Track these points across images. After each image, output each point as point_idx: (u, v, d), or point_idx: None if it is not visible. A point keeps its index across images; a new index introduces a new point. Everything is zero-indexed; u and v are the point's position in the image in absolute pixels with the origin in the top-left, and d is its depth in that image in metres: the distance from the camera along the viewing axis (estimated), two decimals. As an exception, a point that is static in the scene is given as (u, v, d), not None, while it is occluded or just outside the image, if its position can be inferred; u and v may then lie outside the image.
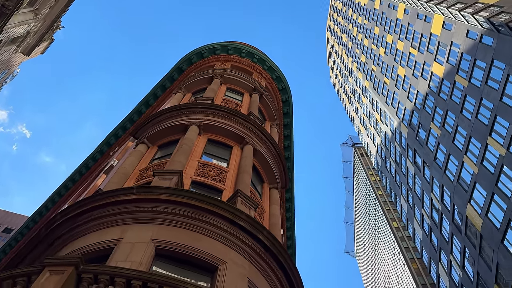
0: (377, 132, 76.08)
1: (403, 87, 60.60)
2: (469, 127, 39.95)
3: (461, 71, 42.79)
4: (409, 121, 56.61)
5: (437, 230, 47.35)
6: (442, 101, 46.58)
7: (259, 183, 20.69)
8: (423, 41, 53.77)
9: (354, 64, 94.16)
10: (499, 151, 34.37)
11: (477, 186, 37.44)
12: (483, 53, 38.34)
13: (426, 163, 49.61)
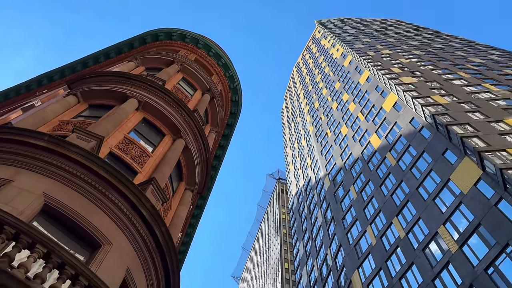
0: (303, 176, 78.60)
1: (340, 145, 63.61)
2: (382, 201, 42.72)
3: (393, 151, 45.98)
4: (334, 176, 59.25)
5: (320, 285, 49.27)
6: (368, 170, 49.50)
7: (177, 180, 20.19)
8: (372, 112, 57.25)
9: (307, 107, 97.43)
10: (399, 233, 37.04)
11: (370, 257, 39.82)
12: (418, 142, 41.65)
13: (334, 219, 51.92)
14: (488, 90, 45.10)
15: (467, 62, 60.43)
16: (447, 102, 42.32)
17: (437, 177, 36.00)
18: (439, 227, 32.28)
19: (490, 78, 50.41)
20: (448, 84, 49.16)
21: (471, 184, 31.12)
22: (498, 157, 29.41)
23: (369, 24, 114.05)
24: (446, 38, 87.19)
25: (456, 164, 34.07)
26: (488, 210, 28.14)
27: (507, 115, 37.21)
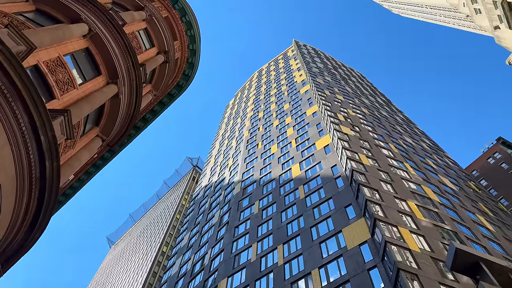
0: (219, 173, 78.82)
1: (264, 160, 64.91)
2: (276, 226, 44.20)
3: (307, 186, 48.01)
4: (246, 186, 60.18)
5: (188, 279, 49.40)
6: (278, 193, 51.04)
7: (92, 123, 19.07)
8: (305, 144, 59.38)
9: (251, 113, 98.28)
10: (279, 260, 38.51)
11: (243, 271, 40.81)
12: (330, 187, 43.90)
13: (228, 224, 52.58)
14: (406, 170, 48.98)
15: (400, 139, 65.21)
16: (368, 165, 45.19)
17: (332, 225, 38.12)
18: (313, 269, 34.08)
19: (412, 161, 54.83)
20: (376, 149, 52.58)
21: (357, 243, 33.38)
22: (388, 230, 31.93)
23: (336, 66, 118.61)
24: (393, 110, 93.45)
25: (352, 221, 36.40)
26: (360, 272, 30.35)
27: (411, 198, 40.65)
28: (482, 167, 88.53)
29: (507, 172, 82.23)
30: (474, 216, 44.58)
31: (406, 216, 36.07)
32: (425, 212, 38.14)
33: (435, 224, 36.20)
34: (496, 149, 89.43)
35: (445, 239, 33.75)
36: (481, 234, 39.31)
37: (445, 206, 42.62)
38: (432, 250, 30.95)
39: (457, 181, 57.84)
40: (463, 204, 46.67)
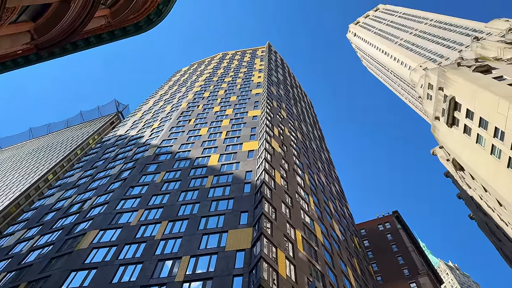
0: (140, 130, 76.15)
1: (190, 138, 63.99)
2: (170, 202, 43.66)
3: (218, 178, 48.23)
4: (160, 153, 58.82)
5: (59, 215, 46.82)
6: (186, 174, 50.56)
7: (28, 17, 17.30)
8: (233, 139, 59.74)
9: (198, 89, 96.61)
10: (158, 235, 38.00)
11: (118, 231, 39.59)
12: (236, 188, 44.50)
13: (124, 181, 50.83)
14: (308, 203, 51.24)
15: (316, 174, 68.21)
16: (279, 184, 46.57)
17: (222, 222, 38.54)
18: (186, 255, 34.10)
19: (317, 197, 57.54)
20: (292, 174, 54.41)
21: (235, 248, 34.06)
22: (267, 248, 33.01)
23: (293, 85, 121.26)
24: (322, 147, 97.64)
25: (241, 227, 37.12)
26: (226, 275, 30.95)
27: (301, 228, 42.52)
28: (370, 230, 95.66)
29: (389, 243, 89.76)
30: (344, 267, 47.84)
31: (289, 242, 37.62)
32: (306, 246, 40.10)
33: (309, 259, 38.20)
34: (389, 219, 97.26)
35: (311, 276, 35.73)
36: (343, 285, 42.27)
37: (325, 248, 45.23)
38: (296, 281, 32.55)
39: (345, 232, 61.77)
40: (340, 253, 49.89)
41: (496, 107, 51.41)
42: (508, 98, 49.51)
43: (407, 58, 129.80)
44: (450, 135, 66.18)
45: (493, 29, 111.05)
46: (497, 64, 64.12)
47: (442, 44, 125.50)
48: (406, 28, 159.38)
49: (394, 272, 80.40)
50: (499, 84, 55.10)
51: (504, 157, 50.42)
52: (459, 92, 62.77)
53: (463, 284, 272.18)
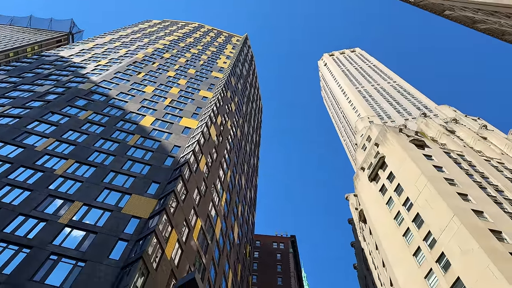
0: (83, 60, 71.58)
1: (131, 89, 61.34)
2: (86, 143, 41.34)
3: (142, 139, 46.63)
4: (94, 91, 55.69)
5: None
6: (114, 123, 48.30)
7: None
8: (175, 109, 58.29)
9: (161, 46, 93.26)
10: (59, 171, 35.74)
11: (17, 151, 36.68)
12: (158, 158, 43.34)
13: (46, 103, 47.37)
14: (220, 198, 51.41)
15: (238, 175, 68.78)
16: (201, 170, 46.18)
17: (129, 184, 37.26)
18: (79, 201, 32.45)
19: (230, 196, 57.97)
20: (217, 165, 54.33)
21: (132, 213, 33.07)
22: (163, 226, 32.45)
23: (252, 85, 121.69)
24: (255, 153, 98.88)
25: (147, 195, 36.14)
26: (112, 235, 29.86)
27: (203, 219, 42.50)
28: (265, 244, 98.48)
29: (275, 262, 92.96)
30: (228, 269, 48.60)
31: (187, 228, 37.35)
32: (201, 237, 40.11)
33: (199, 250, 38.24)
34: (284, 241, 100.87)
35: (194, 266, 35.76)
36: (219, 285, 42.86)
37: (218, 245, 45.61)
38: (177, 266, 32.35)
39: (242, 237, 62.89)
40: (229, 255, 50.63)
41: (415, 180, 55.57)
42: (428, 177, 53.76)
43: (360, 106, 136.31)
44: (368, 188, 70.37)
45: (441, 113, 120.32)
46: (431, 144, 69.48)
47: (394, 107, 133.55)
48: (371, 79, 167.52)
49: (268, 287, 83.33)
50: (426, 162, 59.68)
51: (403, 225, 54.56)
52: (390, 154, 67.04)
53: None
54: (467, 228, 41.45)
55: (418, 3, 76.98)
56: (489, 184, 56.41)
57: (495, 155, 72.32)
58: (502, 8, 47.82)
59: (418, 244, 48.17)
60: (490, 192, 52.82)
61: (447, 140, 75.95)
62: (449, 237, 43.14)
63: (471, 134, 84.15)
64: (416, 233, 49.68)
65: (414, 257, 48.05)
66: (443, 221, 45.27)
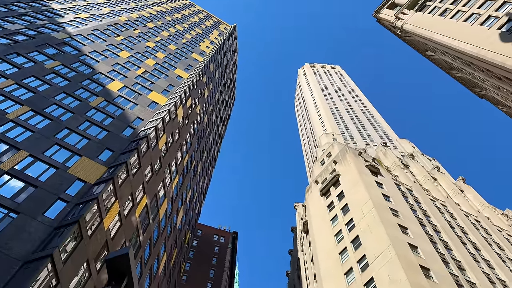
0: (65, 9, 68.30)
1: (106, 50, 59.29)
2: (46, 94, 39.50)
3: (105, 103, 45.16)
4: (67, 43, 53.34)
5: None
6: (81, 80, 46.47)
7: None
8: (146, 81, 56.92)
9: (146, 14, 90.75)
10: (11, 116, 33.93)
11: None
12: (117, 125, 42.10)
13: (14, 43, 44.80)
14: (171, 180, 50.74)
15: (196, 162, 68.25)
16: (159, 148, 45.37)
17: (81, 145, 35.99)
18: (25, 150, 30.97)
19: (183, 179, 57.35)
20: (176, 147, 53.62)
21: (78, 176, 31.96)
22: (107, 195, 31.61)
23: (230, 76, 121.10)
24: (217, 144, 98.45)
25: (97, 161, 35.06)
26: (53, 193, 28.74)
27: (150, 197, 41.79)
28: (206, 234, 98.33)
29: (212, 254, 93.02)
30: (163, 252, 48.11)
31: (132, 202, 36.58)
32: (143, 214, 39.43)
33: (138, 227, 37.57)
34: (226, 235, 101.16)
35: (130, 242, 35.10)
36: (151, 265, 42.33)
37: (159, 226, 45.02)
38: (112, 238, 31.62)
39: (184, 223, 62.45)
40: (168, 238, 50.12)
41: (362, 204, 57.40)
42: (374, 203, 55.67)
43: (328, 122, 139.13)
44: (317, 201, 71.91)
45: (400, 146, 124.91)
46: (385, 173, 71.96)
47: (359, 130, 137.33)
48: (343, 99, 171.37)
49: (199, 280, 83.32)
50: (376, 189, 61.76)
51: (342, 244, 56.19)
52: (345, 173, 68.88)
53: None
54: (400, 259, 43.33)
55: (405, 37, 79.58)
56: (429, 223, 59.24)
57: (441, 197, 76.04)
58: (479, 62, 50.35)
59: (351, 265, 49.79)
60: (428, 231, 55.48)
61: (400, 173, 78.99)
62: (381, 264, 44.89)
63: (423, 172, 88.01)
64: (352, 254, 51.32)
65: (345, 276, 49.62)
66: (379, 248, 47.05)
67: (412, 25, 68.02)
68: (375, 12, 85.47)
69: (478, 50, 47.10)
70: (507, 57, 41.63)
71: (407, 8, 73.37)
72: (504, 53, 42.36)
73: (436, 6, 65.09)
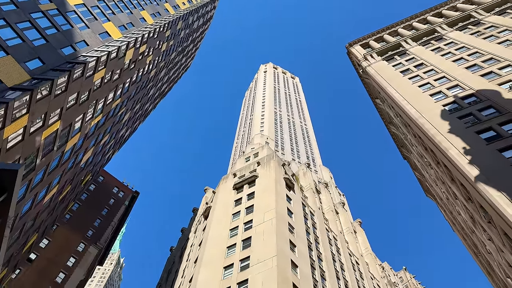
0: None
1: None
2: (-8, -27, 35.22)
3: (55, 10, 41.55)
4: None
5: None
6: None
7: None
8: (102, 15, 53.31)
9: None
10: None
11: None
12: (59, 38, 38.89)
13: None
14: (93, 118, 48.09)
15: (126, 108, 65.40)
16: (93, 79, 42.72)
17: (13, 43, 32.72)
18: None
19: (104, 121, 54.59)
20: (111, 86, 50.92)
21: None
22: (20, 106, 29.10)
23: (195, 41, 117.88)
24: (154, 101, 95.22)
25: (23, 66, 32.10)
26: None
27: (69, 128, 39.22)
28: (106, 183, 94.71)
29: (105, 205, 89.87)
30: (56, 183, 45.47)
31: (42, 122, 34.03)
32: (50, 138, 36.88)
33: (40, 149, 35.11)
34: (126, 192, 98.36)
35: (25, 161, 32.69)
36: (38, 192, 39.80)
37: (61, 157, 42.50)
38: (8, 150, 29.17)
39: (89, 164, 59.54)
40: (66, 172, 47.50)
41: (267, 210, 59.12)
42: (277, 214, 57.51)
43: (268, 125, 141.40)
44: (228, 193, 72.72)
45: (320, 172, 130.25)
46: (297, 191, 74.79)
47: (291, 144, 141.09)
48: (289, 110, 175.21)
49: (82, 224, 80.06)
50: (284, 201, 63.98)
51: (233, 239, 57.40)
52: (263, 177, 70.63)
53: (113, 279, 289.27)
54: (278, 271, 45.28)
55: (364, 78, 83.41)
56: (317, 249, 62.72)
57: (335, 230, 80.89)
58: (416, 128, 54.29)
59: (233, 261, 51.04)
60: (313, 255, 58.70)
61: (311, 195, 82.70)
62: (260, 270, 46.58)
63: (330, 203, 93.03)
64: (238, 251, 52.63)
65: (223, 270, 50.71)
66: (264, 255, 48.78)
67: (374, 70, 71.48)
68: (349, 44, 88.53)
69: (419, 116, 50.83)
70: (439, 133, 45.44)
71: (377, 53, 76.98)
72: (438, 128, 46.19)
73: (401, 63, 69.09)
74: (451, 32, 71.52)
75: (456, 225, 71.97)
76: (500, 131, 40.35)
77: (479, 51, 59.19)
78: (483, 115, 44.34)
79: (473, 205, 42.85)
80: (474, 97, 48.73)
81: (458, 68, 57.53)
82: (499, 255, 42.98)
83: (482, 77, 51.92)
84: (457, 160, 40.43)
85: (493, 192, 34.10)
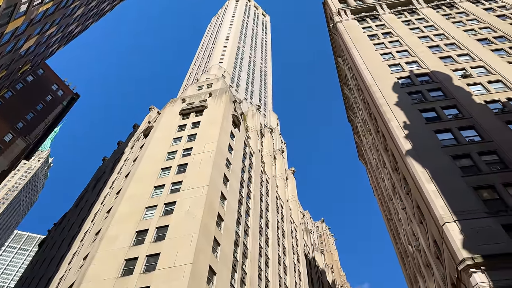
0: None
1: None
2: None
3: None
4: None
5: None
6: None
7: None
8: None
9: None
10: None
11: None
12: None
13: None
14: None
15: (81, 3, 60.06)
16: None
17: None
18: None
19: (50, 25, 49.97)
20: None
21: None
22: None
23: None
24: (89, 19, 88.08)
25: None
26: None
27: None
28: (47, 78, 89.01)
29: (43, 97, 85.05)
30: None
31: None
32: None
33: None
34: (67, 91, 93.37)
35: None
36: None
37: (1, 34, 38.77)
38: None
39: (30, 52, 55.23)
40: (3, 54, 43.75)
41: (209, 141, 59.41)
42: (218, 147, 58.12)
43: (228, 58, 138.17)
44: (173, 117, 71.70)
45: (269, 117, 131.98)
46: (242, 129, 75.54)
47: (247, 83, 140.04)
48: (253, 48, 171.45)
49: (12, 114, 75.65)
50: (227, 136, 64.57)
51: (169, 162, 57.61)
52: (212, 109, 70.24)
53: (38, 175, 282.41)
54: (206, 200, 46.39)
55: (332, 33, 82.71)
56: (248, 187, 64.98)
57: (269, 173, 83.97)
58: (367, 93, 55.82)
59: (165, 183, 51.58)
60: (243, 192, 60.83)
61: (253, 136, 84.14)
62: (190, 196, 47.59)
63: (270, 148, 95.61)
64: (172, 174, 53.12)
65: (153, 189, 51.08)
66: (197, 183, 49.62)
67: (344, 27, 71.11)
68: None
69: (373, 83, 52.16)
70: (386, 103, 47.19)
71: (351, 11, 76.20)
72: (387, 99, 47.89)
73: (371, 27, 69.19)
74: (425, 8, 72.14)
75: (377, 191, 77.66)
76: (441, 114, 42.76)
77: (445, 34, 60.70)
78: (431, 95, 46.48)
79: (397, 175, 46.11)
80: (427, 77, 50.64)
81: (421, 45, 58.89)
82: (407, 225, 47.41)
83: (441, 60, 53.76)
84: (395, 132, 42.62)
85: (418, 167, 36.73)
